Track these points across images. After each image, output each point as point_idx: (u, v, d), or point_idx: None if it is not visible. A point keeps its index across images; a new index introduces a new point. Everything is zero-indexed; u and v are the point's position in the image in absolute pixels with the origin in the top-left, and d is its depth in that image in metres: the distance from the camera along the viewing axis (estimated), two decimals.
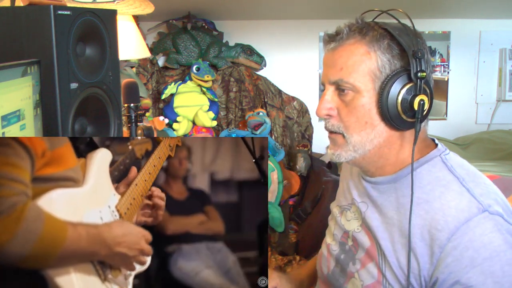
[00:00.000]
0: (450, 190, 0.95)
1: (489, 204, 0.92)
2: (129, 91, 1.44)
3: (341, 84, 0.98)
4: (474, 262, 0.89)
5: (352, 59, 0.97)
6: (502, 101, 3.69)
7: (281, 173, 3.02)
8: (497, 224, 0.91)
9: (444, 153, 1.02)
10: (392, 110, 0.96)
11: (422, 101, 0.95)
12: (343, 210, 1.15)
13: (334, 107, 1.01)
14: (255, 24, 3.55)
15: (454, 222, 0.91)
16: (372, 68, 0.96)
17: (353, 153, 1.00)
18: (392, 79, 0.95)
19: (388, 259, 0.99)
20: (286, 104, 3.49)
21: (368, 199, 1.07)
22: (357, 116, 0.98)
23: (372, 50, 0.96)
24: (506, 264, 0.89)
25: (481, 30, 3.65)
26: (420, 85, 0.95)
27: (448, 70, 3.67)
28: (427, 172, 1.00)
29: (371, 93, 0.97)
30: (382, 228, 1.02)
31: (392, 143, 1.00)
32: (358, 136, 0.99)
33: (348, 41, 0.98)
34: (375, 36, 0.97)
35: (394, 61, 0.96)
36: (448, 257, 0.90)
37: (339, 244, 1.14)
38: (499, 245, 0.89)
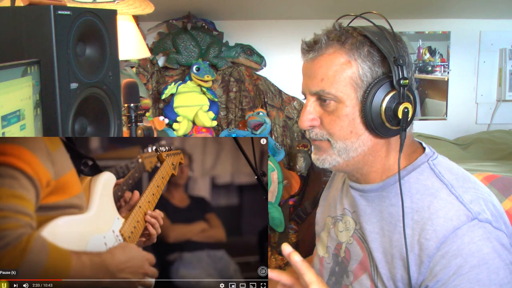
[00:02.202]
0: (439, 199, 0.94)
1: (479, 211, 0.91)
2: (129, 91, 1.44)
3: (323, 95, 0.97)
4: (461, 270, 0.88)
5: (333, 69, 0.95)
6: (502, 101, 3.69)
7: (281, 173, 3.02)
8: (486, 232, 0.90)
9: (431, 158, 1.01)
10: (376, 119, 0.94)
11: (406, 109, 0.93)
12: (335, 221, 1.14)
13: (317, 117, 0.99)
14: (255, 24, 3.55)
15: (443, 231, 0.90)
16: (354, 77, 0.95)
17: (337, 157, 0.99)
18: (375, 88, 0.94)
19: (379, 270, 0.98)
20: (286, 104, 3.49)
21: (359, 209, 1.06)
22: (341, 125, 0.97)
23: (352, 58, 0.94)
24: (493, 273, 0.88)
25: (481, 30, 3.64)
26: (403, 92, 0.93)
27: (448, 70, 3.67)
28: (415, 180, 0.98)
29: (354, 102, 0.96)
30: (373, 238, 1.01)
31: (377, 151, 0.99)
32: (343, 143, 0.98)
33: (327, 50, 0.96)
34: (354, 43, 0.95)
35: (375, 69, 0.95)
36: (437, 266, 0.90)
37: (333, 256, 1.12)
38: (487, 253, 0.89)
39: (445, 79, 3.68)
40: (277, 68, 3.56)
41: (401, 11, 3.34)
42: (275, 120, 3.35)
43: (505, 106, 3.70)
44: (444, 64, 3.67)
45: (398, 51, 0.93)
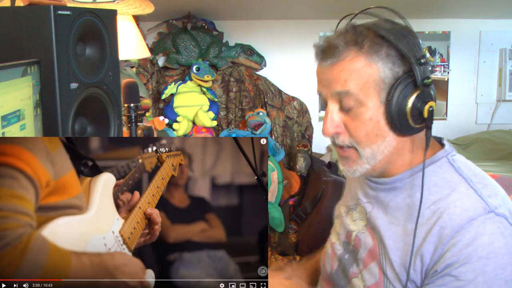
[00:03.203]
0: (457, 191, 0.95)
1: (496, 206, 0.92)
2: (129, 91, 1.44)
3: (346, 96, 0.96)
4: (470, 259, 0.89)
5: (355, 73, 0.95)
6: (502, 101, 3.69)
7: (281, 173, 3.02)
8: (501, 227, 0.91)
9: (451, 154, 1.02)
10: (402, 120, 0.95)
11: (431, 108, 0.94)
12: (349, 210, 1.15)
13: (340, 124, 0.99)
14: (255, 24, 3.55)
15: (458, 220, 0.91)
16: (376, 80, 0.94)
17: (366, 165, 0.99)
18: (398, 89, 0.94)
19: (390, 257, 0.99)
20: (286, 104, 3.49)
21: (374, 199, 1.07)
22: (366, 130, 0.97)
23: (372, 62, 0.94)
24: (500, 268, 0.89)
25: (481, 30, 3.65)
26: (427, 91, 0.94)
27: (448, 70, 3.67)
28: (433, 173, 0.99)
29: (377, 104, 0.95)
30: (387, 227, 1.02)
31: (401, 149, 1.00)
32: (370, 149, 0.98)
33: (346, 56, 0.95)
34: (372, 46, 0.94)
35: (396, 69, 0.94)
36: (448, 252, 0.91)
37: (343, 244, 1.14)
38: (498, 247, 0.89)
39: (445, 79, 3.68)
40: (277, 68, 3.57)
41: (401, 11, 3.32)
42: (275, 120, 3.35)
43: (505, 106, 3.70)
44: (444, 64, 3.67)
45: (418, 49, 0.93)
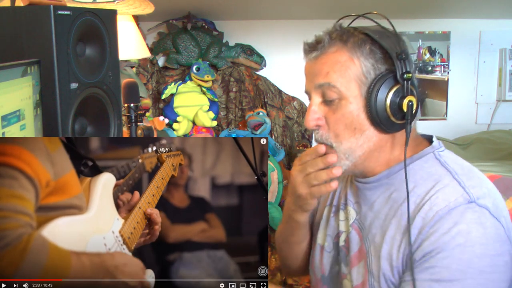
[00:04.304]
0: (441, 183, 0.96)
1: (478, 196, 0.93)
2: (129, 91, 1.44)
3: (328, 88, 0.98)
4: (447, 246, 0.90)
5: (337, 66, 0.97)
6: (502, 101, 3.69)
7: (281, 173, 3.02)
8: (481, 217, 0.91)
9: (438, 150, 1.03)
10: (382, 114, 0.96)
11: (410, 102, 0.95)
12: (336, 210, 1.15)
13: (322, 116, 1.00)
14: (255, 24, 3.55)
15: (438, 210, 0.92)
16: (358, 74, 0.97)
17: (346, 161, 1.00)
18: (379, 83, 0.96)
19: (378, 253, 0.99)
20: (286, 104, 3.49)
21: (362, 199, 1.08)
22: (345, 123, 0.98)
23: (355, 56, 0.96)
24: (476, 257, 0.89)
25: (481, 30, 3.64)
26: (407, 86, 0.95)
27: (448, 70, 3.67)
28: (419, 167, 1.01)
29: (358, 99, 0.97)
30: (374, 224, 1.02)
31: (382, 146, 1.01)
32: (347, 142, 0.99)
33: (330, 49, 0.98)
34: (356, 42, 0.97)
35: (378, 65, 0.96)
36: (426, 241, 0.92)
37: (334, 245, 1.13)
38: (476, 236, 0.89)
39: (445, 79, 3.68)
40: (277, 68, 3.56)
41: (401, 11, 3.34)
42: (275, 120, 3.35)
43: (505, 106, 3.70)
44: (444, 64, 3.66)
45: (400, 46, 0.95)
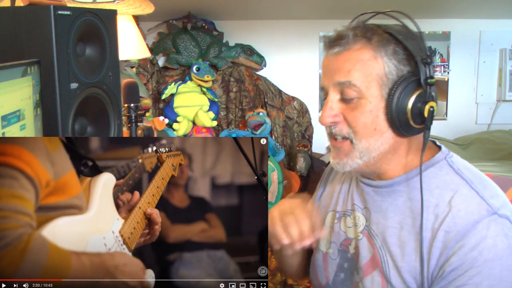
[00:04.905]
0: (460, 194, 0.95)
1: (498, 207, 0.93)
2: (129, 91, 1.44)
3: (349, 87, 0.96)
4: (475, 263, 0.89)
5: (360, 64, 0.95)
6: (502, 101, 3.69)
7: (281, 173, 3.02)
8: (504, 228, 0.91)
9: (449, 155, 1.02)
10: (402, 117, 0.94)
11: (432, 108, 0.94)
12: (342, 216, 1.12)
13: (339, 113, 0.98)
14: (255, 24, 3.55)
15: (463, 224, 0.91)
16: (379, 74, 0.95)
17: (359, 160, 0.98)
18: (402, 85, 0.94)
19: (398, 264, 0.97)
20: (286, 104, 3.49)
21: (371, 205, 1.05)
22: (365, 122, 0.96)
23: (379, 55, 0.94)
24: (506, 269, 0.89)
25: (481, 30, 3.64)
26: (429, 92, 0.94)
27: (448, 70, 3.67)
28: (434, 175, 0.99)
29: (379, 99, 0.95)
30: (391, 233, 1.00)
31: (397, 149, 0.99)
32: (366, 142, 0.97)
33: (354, 46, 0.95)
34: (380, 40, 0.95)
35: (401, 67, 0.95)
36: (453, 256, 0.91)
37: (339, 252, 1.10)
38: (502, 249, 0.89)
39: (445, 79, 3.68)
40: (277, 68, 3.57)
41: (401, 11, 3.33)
42: (275, 120, 3.35)
43: (505, 106, 3.70)
44: (444, 64, 3.66)
45: (425, 50, 0.94)
